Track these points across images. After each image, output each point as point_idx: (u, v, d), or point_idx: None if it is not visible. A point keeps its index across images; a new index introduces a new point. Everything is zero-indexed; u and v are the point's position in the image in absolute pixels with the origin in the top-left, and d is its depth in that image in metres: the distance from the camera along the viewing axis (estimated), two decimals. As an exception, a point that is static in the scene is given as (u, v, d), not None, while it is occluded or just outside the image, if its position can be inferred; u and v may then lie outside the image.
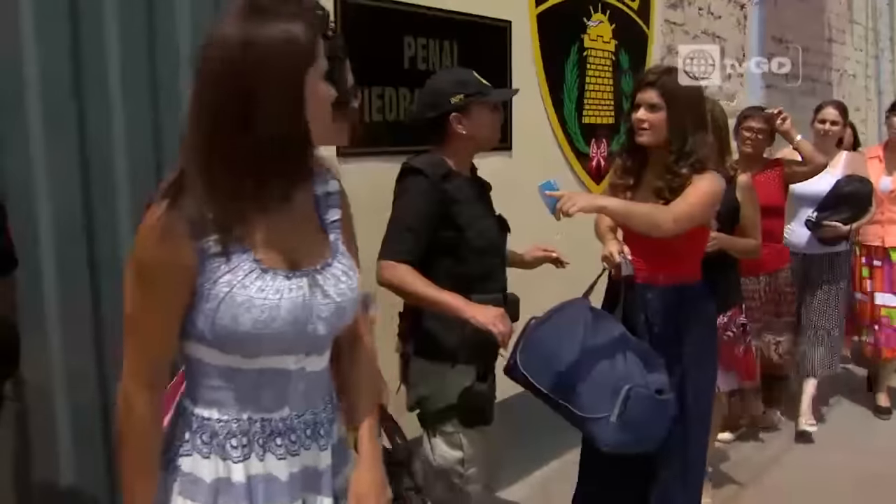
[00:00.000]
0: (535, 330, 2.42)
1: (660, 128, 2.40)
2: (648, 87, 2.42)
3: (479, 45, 3.19)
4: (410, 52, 2.89)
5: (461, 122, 2.31)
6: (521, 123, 3.43)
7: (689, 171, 2.37)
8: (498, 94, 2.40)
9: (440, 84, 2.35)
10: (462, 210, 2.29)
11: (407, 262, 2.21)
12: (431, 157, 2.32)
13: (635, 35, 4.18)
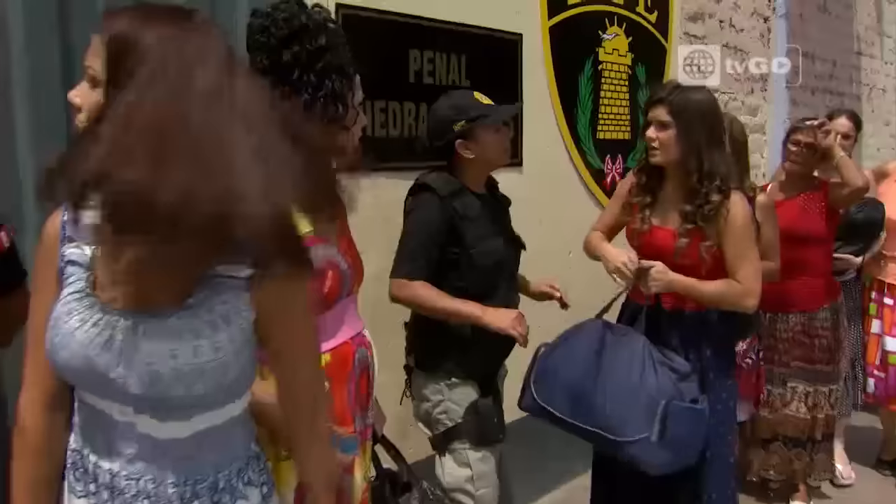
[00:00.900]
0: (548, 357, 2.33)
1: (670, 146, 2.30)
2: (657, 104, 2.33)
3: (490, 58, 3.10)
4: (416, 65, 2.80)
5: (467, 147, 2.26)
6: (533, 139, 3.33)
7: (719, 196, 2.27)
8: (499, 114, 2.32)
9: (441, 112, 2.29)
10: (469, 227, 2.23)
11: (418, 278, 2.19)
12: (442, 174, 2.27)
13: (653, 48, 4.07)
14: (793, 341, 3.37)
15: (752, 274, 2.31)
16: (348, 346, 1.70)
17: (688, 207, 2.31)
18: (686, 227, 2.31)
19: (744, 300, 2.32)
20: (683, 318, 2.40)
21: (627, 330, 2.33)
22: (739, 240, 2.31)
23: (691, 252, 2.33)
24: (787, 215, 3.27)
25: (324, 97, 1.62)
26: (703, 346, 2.42)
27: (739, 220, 2.31)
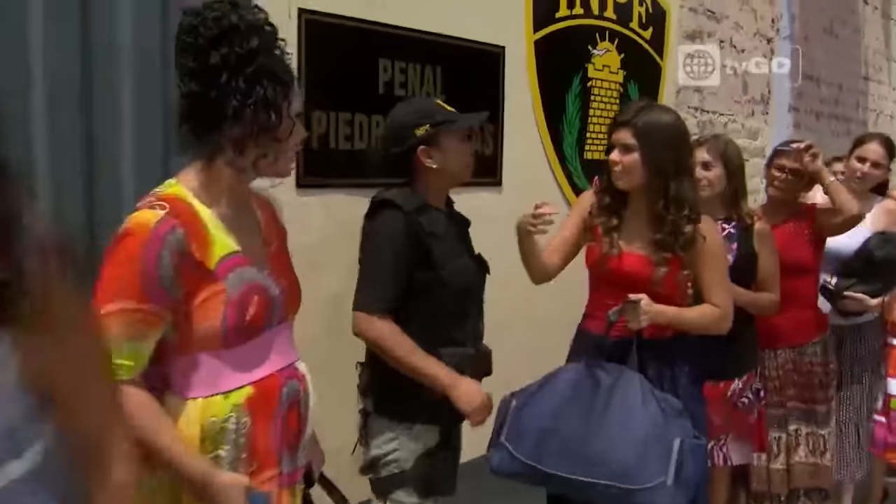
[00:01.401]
0: (524, 408, 2.12)
1: (634, 170, 2.14)
2: (622, 126, 2.17)
3: (468, 71, 2.96)
4: (386, 76, 2.65)
5: (430, 154, 2.07)
6: (514, 157, 3.18)
7: (691, 226, 2.12)
8: (466, 120, 2.15)
9: (402, 117, 2.11)
10: (438, 246, 2.05)
11: (387, 314, 1.99)
12: (403, 190, 2.09)
13: (647, 66, 3.91)
14: (784, 379, 3.15)
15: (727, 297, 2.24)
16: (275, 378, 1.53)
17: (658, 236, 2.15)
18: (663, 256, 2.15)
19: (722, 324, 2.22)
20: (661, 346, 2.24)
21: (618, 368, 2.14)
22: (715, 266, 2.21)
23: (670, 281, 2.17)
24: (777, 243, 3.09)
25: (254, 104, 1.46)
26: (679, 375, 2.26)
27: (715, 246, 2.21)
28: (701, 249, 2.16)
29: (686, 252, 2.15)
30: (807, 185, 3.16)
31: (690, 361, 2.30)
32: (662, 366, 2.24)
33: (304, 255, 2.51)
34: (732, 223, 2.68)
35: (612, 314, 2.14)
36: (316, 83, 2.44)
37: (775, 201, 3.19)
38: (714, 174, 2.66)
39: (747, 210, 2.73)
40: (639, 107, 2.20)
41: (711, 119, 4.54)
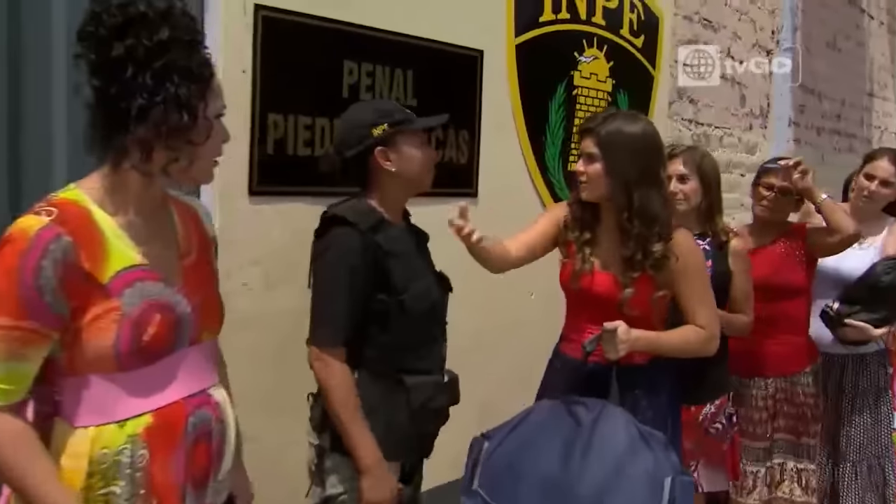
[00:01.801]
0: (497, 450, 1.95)
1: (597, 181, 2.01)
2: (586, 134, 2.05)
3: (443, 75, 2.80)
4: (352, 78, 2.50)
5: (388, 156, 1.92)
6: (491, 166, 3.03)
7: (661, 244, 1.97)
8: (427, 121, 2.01)
9: (358, 115, 1.97)
10: (397, 267, 1.89)
11: (341, 346, 1.85)
12: (357, 204, 1.93)
13: (638, 75, 3.76)
14: (775, 410, 2.97)
15: (712, 316, 2.12)
16: (180, 406, 1.37)
17: (625, 253, 2.00)
18: (631, 276, 2.00)
19: (708, 346, 2.10)
20: (637, 373, 2.08)
21: (599, 404, 1.97)
22: (696, 283, 2.08)
23: (641, 302, 2.02)
24: (762, 265, 2.91)
25: (163, 103, 1.31)
26: (658, 402, 2.10)
27: (692, 260, 2.06)
28: (678, 267, 2.02)
29: (658, 272, 2.01)
30: (797, 203, 3.00)
31: (668, 386, 2.16)
32: (640, 394, 2.09)
33: (258, 268, 2.37)
34: (707, 240, 2.54)
35: (588, 344, 1.98)
36: (272, 85, 2.29)
37: (762, 221, 3.02)
38: (689, 187, 2.52)
39: (723, 226, 2.58)
40: (605, 115, 2.06)
41: (706, 132, 4.38)
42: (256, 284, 2.34)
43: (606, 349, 1.94)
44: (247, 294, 2.31)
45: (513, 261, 2.13)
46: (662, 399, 2.10)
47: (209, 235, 1.57)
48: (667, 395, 2.12)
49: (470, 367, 3.04)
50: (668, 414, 2.11)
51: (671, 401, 2.14)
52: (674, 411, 2.15)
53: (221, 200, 2.24)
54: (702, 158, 2.57)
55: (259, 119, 2.29)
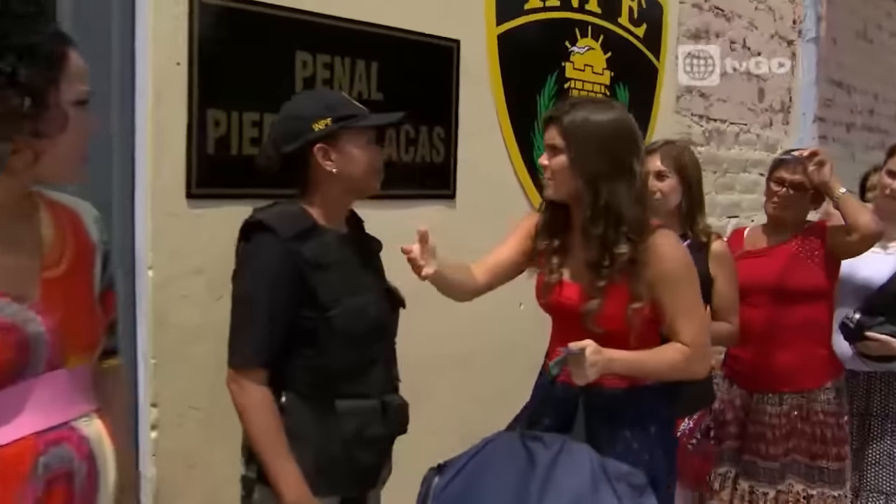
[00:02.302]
0: (450, 486, 1.76)
1: (562, 175, 1.79)
2: (549, 124, 1.82)
3: (413, 68, 2.59)
4: (306, 71, 2.30)
5: (328, 155, 1.72)
6: (471, 166, 2.80)
7: (627, 246, 1.73)
8: (376, 118, 1.80)
9: (299, 108, 1.77)
10: (325, 281, 1.68)
11: (262, 368, 1.65)
12: (287, 208, 1.73)
13: (640, 67, 3.50)
14: (786, 429, 2.69)
15: (701, 332, 1.83)
16: (28, 444, 1.17)
17: (591, 257, 1.76)
18: (598, 286, 1.76)
19: (697, 366, 1.84)
20: (613, 398, 1.83)
21: (560, 440, 1.74)
22: (680, 291, 1.80)
23: (612, 317, 1.77)
24: (774, 266, 2.65)
25: None
26: (646, 427, 1.85)
27: (671, 266, 1.79)
28: (655, 274, 1.77)
29: (631, 279, 1.76)
30: (814, 200, 2.72)
31: (656, 412, 1.90)
32: (618, 423, 1.85)
33: (201, 277, 2.16)
34: (687, 241, 2.30)
35: (553, 366, 1.75)
36: (212, 78, 2.10)
37: (775, 220, 2.75)
38: (668, 185, 2.29)
39: (704, 227, 2.34)
40: (573, 102, 1.82)
41: (719, 128, 4.10)
42: (199, 295, 2.14)
43: (573, 373, 1.70)
44: (188, 306, 2.12)
45: (478, 288, 1.95)
46: (649, 428, 1.84)
47: (93, 242, 1.37)
48: (655, 423, 1.86)
49: (453, 386, 2.83)
50: (655, 445, 1.84)
51: (661, 430, 1.88)
52: (665, 441, 1.88)
53: (154, 204, 2.05)
54: (681, 153, 2.34)
55: (197, 115, 2.09)
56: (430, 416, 2.80)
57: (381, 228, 2.57)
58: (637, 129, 1.83)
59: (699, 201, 2.36)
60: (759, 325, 2.68)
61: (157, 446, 2.09)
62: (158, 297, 2.07)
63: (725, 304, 2.38)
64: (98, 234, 1.39)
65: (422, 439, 2.66)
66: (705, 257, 2.33)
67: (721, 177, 4.08)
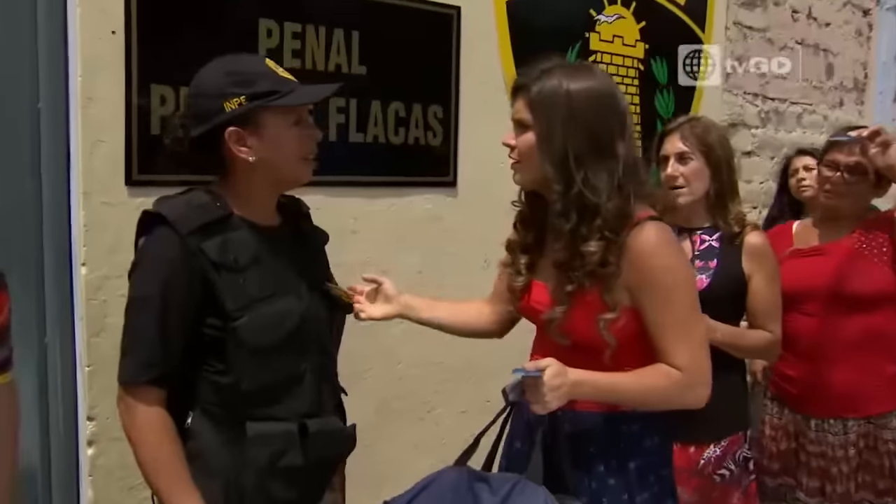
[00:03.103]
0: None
1: (529, 156, 1.46)
2: (516, 94, 1.50)
3: (403, 38, 2.29)
4: (271, 41, 2.03)
5: (244, 140, 1.41)
6: (475, 151, 2.49)
7: (599, 244, 1.41)
8: (303, 94, 1.48)
9: (208, 82, 1.43)
10: (233, 283, 1.38)
11: (153, 385, 1.37)
12: (195, 196, 1.44)
13: (681, 39, 3.11)
14: (854, 462, 2.28)
15: (697, 352, 1.46)
16: None
17: (558, 257, 1.44)
18: (566, 290, 1.43)
19: (690, 393, 1.46)
20: (576, 423, 1.52)
21: (510, 481, 1.43)
22: (666, 303, 1.44)
23: (582, 328, 1.45)
24: (829, 266, 2.25)
25: None
26: (613, 465, 1.53)
27: (658, 266, 1.43)
28: (636, 279, 1.43)
29: (607, 285, 1.43)
30: (876, 187, 2.30)
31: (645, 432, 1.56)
32: (596, 454, 1.53)
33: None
34: (717, 234, 1.94)
35: (510, 390, 1.45)
36: (156, 49, 1.85)
37: (829, 211, 2.34)
38: (692, 169, 1.93)
39: (736, 214, 1.96)
40: (544, 67, 1.48)
41: (778, 108, 3.66)
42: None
43: (531, 400, 1.38)
44: (126, 307, 1.88)
45: (498, 319, 1.76)
46: (629, 463, 1.51)
47: None
48: (638, 456, 1.52)
49: (461, 394, 2.55)
50: (638, 484, 1.51)
51: (646, 465, 1.53)
52: (651, 480, 1.54)
53: (87, 192, 1.82)
54: (706, 131, 1.96)
55: (137, 92, 1.84)
56: (437, 427, 2.53)
57: (365, 221, 2.32)
58: (623, 101, 1.49)
59: (730, 186, 1.99)
60: (813, 337, 2.29)
61: (93, 464, 1.88)
62: (93, 298, 1.84)
63: (763, 308, 1.99)
64: None
65: (432, 450, 2.41)
66: (738, 252, 1.96)
67: (779, 163, 3.64)
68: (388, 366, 2.39)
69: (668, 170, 1.98)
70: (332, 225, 2.21)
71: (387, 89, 2.26)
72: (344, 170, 2.24)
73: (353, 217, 2.29)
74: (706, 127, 1.98)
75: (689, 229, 2.01)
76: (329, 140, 2.16)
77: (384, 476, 2.39)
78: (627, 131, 1.46)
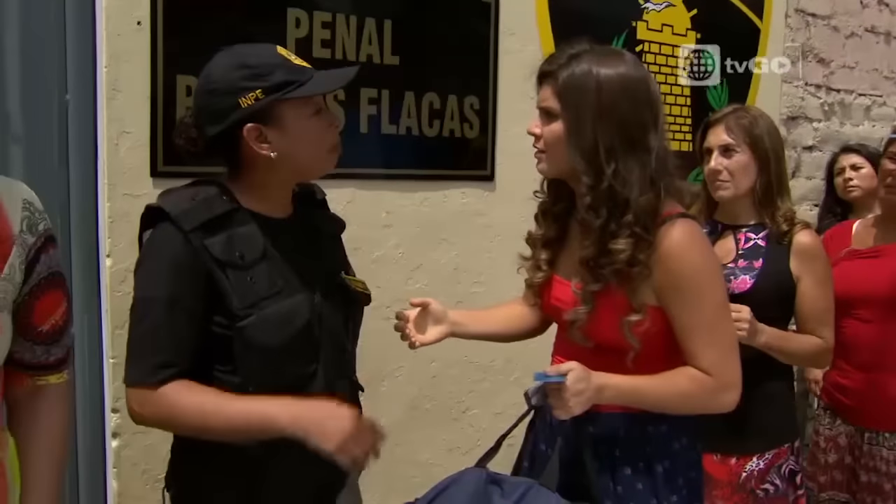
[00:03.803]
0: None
1: (556, 147, 1.39)
2: (543, 81, 1.43)
3: (439, 27, 2.23)
4: (300, 31, 1.99)
5: (263, 136, 1.35)
6: (513, 143, 2.41)
7: (629, 241, 1.34)
8: (321, 83, 1.41)
9: (220, 77, 1.36)
10: (240, 281, 1.34)
11: (168, 382, 1.32)
12: (201, 190, 1.40)
13: (735, 26, 2.96)
14: None
15: (726, 356, 1.39)
16: None
17: (585, 254, 1.36)
18: (591, 290, 1.35)
19: (718, 398, 1.40)
20: (601, 425, 1.44)
21: (523, 486, 1.37)
22: (695, 305, 1.36)
23: (605, 329, 1.37)
24: (888, 269, 2.11)
25: None
26: (640, 469, 1.46)
27: (688, 265, 1.35)
28: (664, 280, 1.35)
29: (632, 284, 1.35)
30: None
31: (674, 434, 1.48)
32: (622, 457, 1.45)
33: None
34: (763, 232, 1.82)
35: (532, 395, 1.38)
36: (182, 40, 1.83)
37: (890, 209, 2.20)
38: (737, 162, 1.82)
39: (786, 212, 1.84)
40: (573, 52, 1.41)
41: (844, 100, 3.46)
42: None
43: (554, 405, 1.32)
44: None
45: (535, 315, 1.68)
46: (656, 466, 1.43)
47: (9, 232, 1.15)
48: (667, 459, 1.44)
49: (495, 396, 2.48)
50: (667, 489, 1.42)
51: (676, 469, 1.45)
52: (680, 485, 1.45)
53: (112, 184, 1.81)
54: (754, 122, 1.84)
55: (164, 83, 1.83)
56: (472, 428, 2.46)
57: (398, 215, 2.26)
58: (655, 88, 1.40)
59: (779, 181, 1.86)
60: (869, 344, 2.17)
61: (118, 456, 1.87)
62: (118, 290, 1.83)
63: (814, 312, 1.86)
64: (21, 223, 1.17)
65: (466, 452, 2.35)
66: (786, 252, 1.84)
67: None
68: (421, 364, 2.33)
69: (712, 163, 1.87)
70: (364, 219, 2.18)
71: (421, 80, 2.20)
72: (376, 163, 2.19)
73: (385, 211, 2.24)
74: (753, 117, 1.86)
75: (734, 226, 1.90)
76: (361, 132, 2.12)
77: (415, 479, 2.34)
78: (660, 121, 1.38)
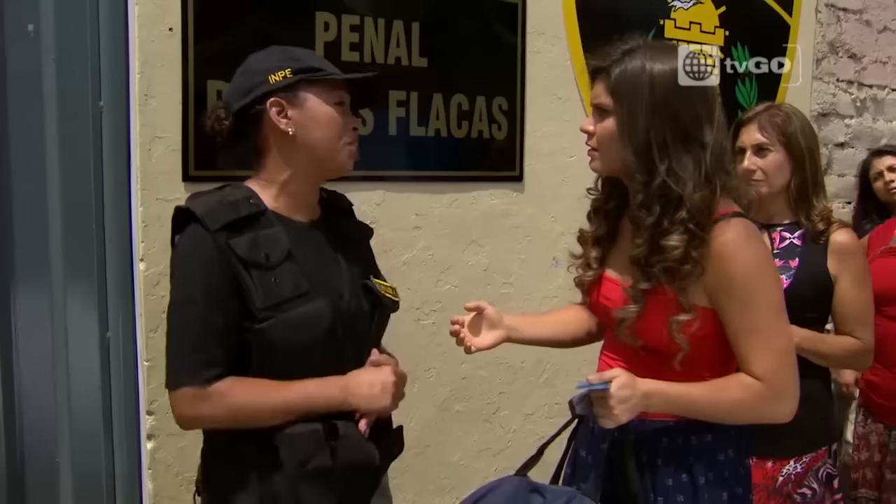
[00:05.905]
0: None
1: (609, 145, 1.38)
2: (595, 77, 1.41)
3: (466, 29, 2.22)
4: (329, 35, 2.00)
5: (286, 111, 1.39)
6: (542, 144, 2.41)
7: (683, 237, 1.31)
8: (349, 75, 1.45)
9: (255, 62, 1.43)
10: (265, 282, 1.35)
11: (215, 381, 1.34)
12: (226, 193, 1.42)
13: (765, 24, 2.93)
14: None
15: (782, 361, 1.34)
16: None
17: (636, 251, 1.34)
18: (641, 288, 1.34)
19: (772, 407, 1.35)
20: (643, 434, 1.43)
21: (563, 495, 1.35)
22: (749, 302, 1.33)
23: (653, 329, 1.35)
24: None
25: None
26: (682, 479, 1.42)
27: (743, 266, 1.31)
28: (716, 280, 1.32)
29: (682, 282, 1.33)
30: None
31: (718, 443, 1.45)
32: (663, 466, 1.43)
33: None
34: (799, 231, 1.79)
35: (577, 403, 1.36)
36: (213, 45, 1.85)
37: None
38: (771, 161, 1.79)
39: (822, 210, 1.81)
40: (626, 48, 1.39)
41: (876, 96, 3.41)
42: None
43: (598, 414, 1.30)
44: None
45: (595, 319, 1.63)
46: (699, 477, 1.40)
47: None
48: (711, 469, 1.41)
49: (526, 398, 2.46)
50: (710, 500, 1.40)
51: (719, 479, 1.42)
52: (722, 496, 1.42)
53: (144, 188, 1.83)
54: (788, 120, 1.82)
55: (195, 88, 1.84)
56: (503, 430, 2.45)
57: (428, 217, 2.26)
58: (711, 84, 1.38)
59: (814, 180, 1.83)
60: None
61: (152, 458, 1.89)
62: (151, 294, 1.85)
63: (853, 312, 1.83)
64: None
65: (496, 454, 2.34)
66: (823, 251, 1.81)
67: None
68: (451, 365, 2.32)
69: (745, 163, 1.85)
70: (393, 221, 2.19)
71: (449, 82, 2.20)
72: (405, 165, 2.19)
73: (415, 213, 2.24)
74: (787, 115, 1.84)
75: (768, 226, 1.88)
76: (390, 134, 2.12)
77: (446, 480, 2.34)
78: (716, 116, 1.35)
